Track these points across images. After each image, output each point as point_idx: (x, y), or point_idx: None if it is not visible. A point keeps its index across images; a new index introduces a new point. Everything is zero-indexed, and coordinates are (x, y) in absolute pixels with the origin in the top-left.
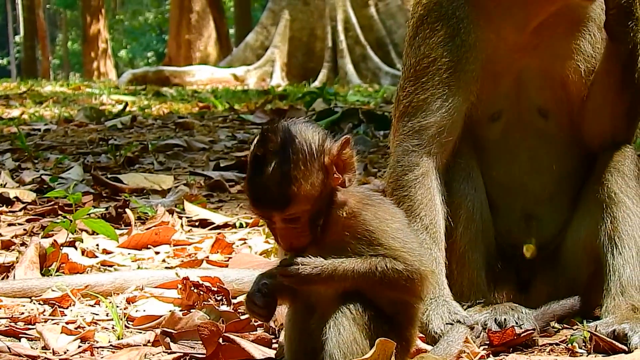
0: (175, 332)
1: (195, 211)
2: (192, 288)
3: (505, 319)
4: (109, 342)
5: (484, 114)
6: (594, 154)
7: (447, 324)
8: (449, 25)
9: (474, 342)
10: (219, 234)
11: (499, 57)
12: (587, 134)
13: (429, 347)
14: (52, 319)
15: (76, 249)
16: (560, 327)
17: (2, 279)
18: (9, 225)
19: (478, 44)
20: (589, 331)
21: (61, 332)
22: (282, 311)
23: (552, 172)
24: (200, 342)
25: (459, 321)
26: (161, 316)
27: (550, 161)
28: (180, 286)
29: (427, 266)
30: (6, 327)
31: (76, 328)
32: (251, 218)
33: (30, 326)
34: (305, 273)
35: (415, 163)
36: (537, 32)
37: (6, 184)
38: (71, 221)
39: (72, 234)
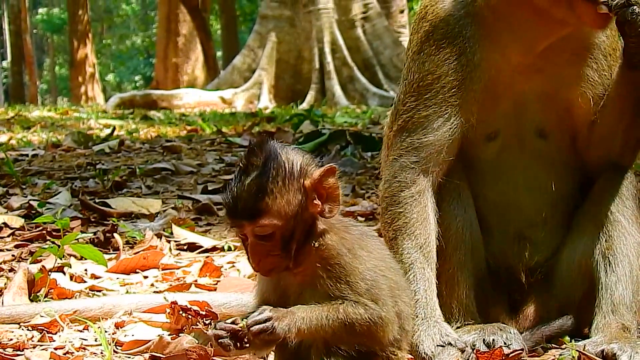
0: (164, 356)
1: (183, 235)
2: (181, 312)
3: (493, 340)
4: None
5: (480, 133)
6: (591, 177)
7: (438, 345)
8: (455, 44)
9: None
10: (207, 257)
11: (502, 78)
12: (590, 158)
13: None
14: (41, 345)
15: (65, 274)
16: (549, 347)
17: None
18: None
19: (483, 64)
20: (577, 350)
21: (50, 358)
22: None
23: (548, 194)
24: None
25: (450, 344)
26: (150, 341)
27: (546, 183)
28: (168, 310)
29: (390, 314)
30: None
31: (65, 354)
32: (239, 241)
33: (18, 352)
34: (275, 330)
35: (413, 180)
36: (543, 55)
37: None
38: (59, 246)
39: (60, 259)
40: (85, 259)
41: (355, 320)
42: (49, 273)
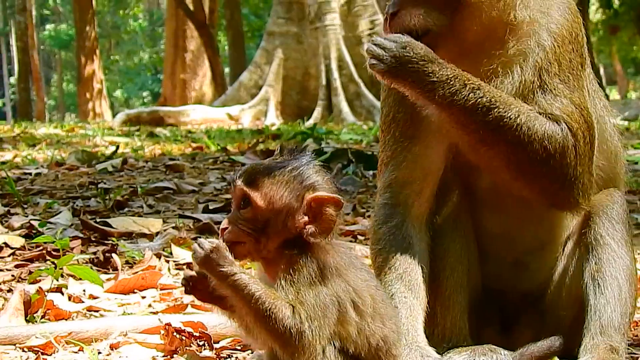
0: None
1: (182, 255)
2: (175, 334)
3: None
4: None
5: (468, 163)
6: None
7: None
8: None
9: None
10: None
11: None
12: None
13: None
14: None
15: (62, 294)
16: None
17: None
18: None
19: None
20: None
21: None
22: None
23: (543, 221)
24: None
25: None
26: None
27: (541, 211)
28: (162, 332)
29: (316, 341)
30: None
31: None
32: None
33: None
34: (214, 259)
35: (390, 215)
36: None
37: None
38: (55, 267)
39: (57, 280)
40: (83, 279)
41: (277, 316)
42: (46, 294)
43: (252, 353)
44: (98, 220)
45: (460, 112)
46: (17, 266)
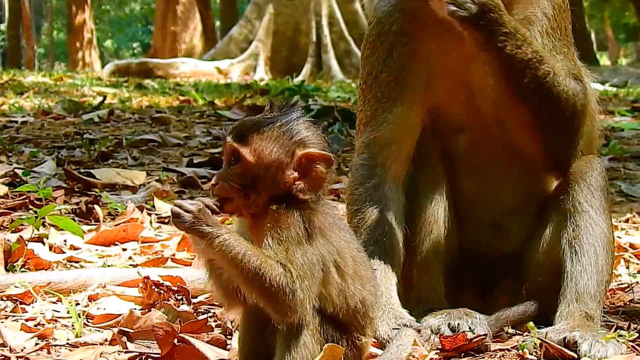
0: (132, 331)
1: (164, 208)
2: (153, 287)
3: (458, 324)
4: (67, 340)
5: (447, 126)
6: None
7: (393, 329)
8: (387, 41)
9: (423, 345)
10: None
11: (447, 69)
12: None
13: (380, 352)
14: (13, 316)
15: (43, 244)
16: (514, 333)
17: None
18: None
19: (418, 55)
20: (539, 338)
21: (20, 329)
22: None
23: (521, 184)
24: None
25: (405, 325)
26: (120, 315)
27: (518, 173)
28: (141, 285)
29: (304, 298)
30: None
31: (35, 325)
32: (220, 216)
33: None
34: (197, 225)
35: (367, 176)
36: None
37: None
38: (37, 217)
39: (39, 229)
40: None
41: (268, 276)
42: (27, 243)
43: None
44: (82, 170)
45: (518, 65)
46: None
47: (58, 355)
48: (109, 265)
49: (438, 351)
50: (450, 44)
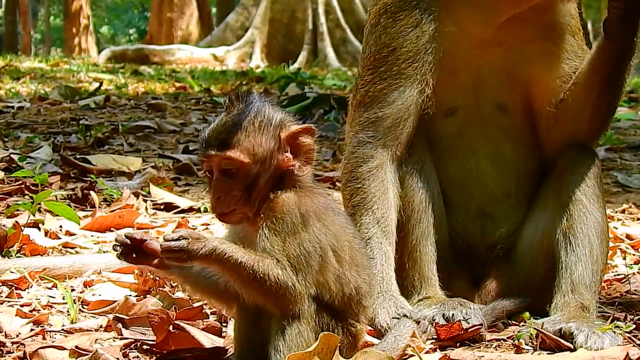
0: (128, 318)
1: (160, 194)
2: (149, 274)
3: (453, 314)
4: (62, 326)
5: (439, 108)
6: (553, 155)
7: (393, 318)
8: (411, 15)
9: (420, 336)
10: (182, 218)
11: (459, 51)
12: (554, 136)
13: (376, 341)
14: (8, 301)
15: (39, 229)
16: (509, 323)
17: None
18: None
19: (438, 35)
20: (535, 328)
21: (15, 315)
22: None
23: (510, 170)
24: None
25: (405, 315)
26: (116, 301)
27: (508, 159)
28: (136, 271)
29: (303, 289)
30: None
31: (31, 311)
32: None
33: None
34: (192, 251)
35: (370, 155)
36: (504, 29)
37: None
38: (33, 202)
39: (34, 215)
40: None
41: (268, 276)
42: (23, 228)
43: None
44: (78, 156)
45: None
46: None
47: (53, 341)
48: (104, 252)
49: (433, 341)
50: (474, 27)
